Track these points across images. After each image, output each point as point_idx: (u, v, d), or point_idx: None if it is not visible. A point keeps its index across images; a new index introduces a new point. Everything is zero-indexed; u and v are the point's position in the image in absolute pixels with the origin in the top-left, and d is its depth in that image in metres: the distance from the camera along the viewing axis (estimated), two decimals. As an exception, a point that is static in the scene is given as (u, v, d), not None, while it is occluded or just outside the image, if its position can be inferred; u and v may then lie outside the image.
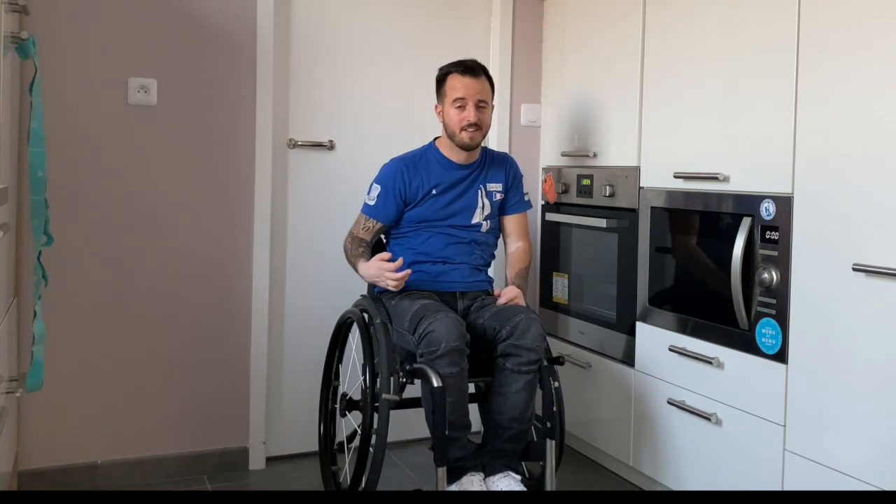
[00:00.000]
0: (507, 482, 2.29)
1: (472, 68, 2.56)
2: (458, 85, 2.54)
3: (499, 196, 2.67)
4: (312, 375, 3.09)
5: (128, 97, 2.77)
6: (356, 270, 2.59)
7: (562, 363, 2.45)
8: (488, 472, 2.32)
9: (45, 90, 2.56)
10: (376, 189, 2.61)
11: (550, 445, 2.34)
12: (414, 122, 3.22)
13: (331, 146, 3.13)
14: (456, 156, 2.61)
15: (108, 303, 2.77)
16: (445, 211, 2.59)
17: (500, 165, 2.70)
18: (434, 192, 2.58)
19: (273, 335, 3.05)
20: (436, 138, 2.68)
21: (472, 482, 2.27)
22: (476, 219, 2.62)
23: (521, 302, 2.54)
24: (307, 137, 3.10)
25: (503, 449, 2.35)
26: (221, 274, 2.92)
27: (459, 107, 2.53)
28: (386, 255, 2.46)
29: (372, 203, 2.61)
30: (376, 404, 2.33)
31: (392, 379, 2.30)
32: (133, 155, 2.78)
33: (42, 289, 2.25)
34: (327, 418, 2.74)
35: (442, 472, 2.21)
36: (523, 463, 2.43)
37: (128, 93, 2.77)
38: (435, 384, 2.18)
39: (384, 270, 2.42)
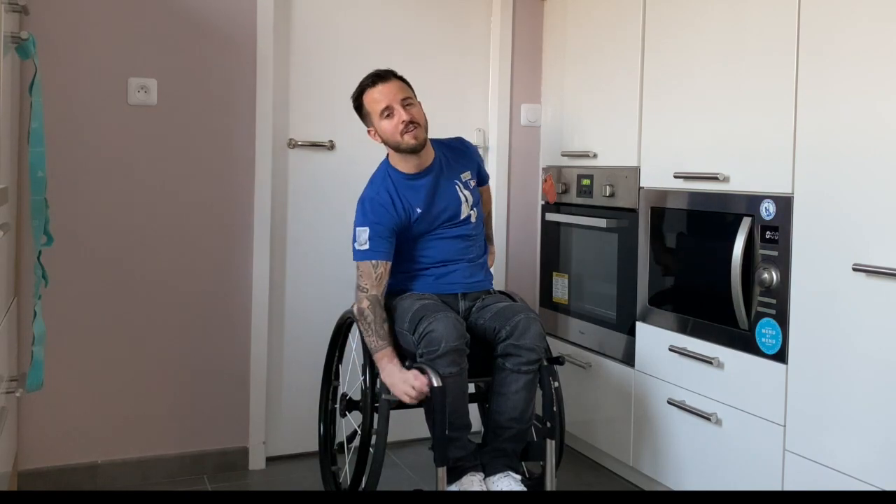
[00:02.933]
0: (508, 482, 2.29)
1: (380, 75, 2.47)
2: (377, 96, 2.44)
3: (473, 182, 2.63)
4: (312, 375, 3.08)
5: (128, 97, 2.77)
6: (372, 350, 2.36)
7: (562, 363, 2.45)
8: (488, 472, 2.32)
9: (45, 90, 2.56)
10: (364, 232, 2.43)
11: (550, 445, 2.34)
12: (414, 122, 3.22)
13: (331, 146, 3.13)
14: (411, 166, 2.50)
15: (107, 303, 2.77)
16: (440, 218, 2.54)
17: (461, 153, 2.65)
18: (419, 210, 2.50)
19: (273, 335, 3.05)
20: (387, 156, 2.59)
21: (473, 482, 2.26)
22: (464, 213, 2.57)
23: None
24: (307, 137, 3.10)
25: (503, 449, 2.35)
26: (221, 274, 2.92)
27: (388, 116, 2.43)
28: (421, 383, 2.23)
29: (366, 247, 2.42)
30: (376, 404, 2.33)
31: None
32: (133, 155, 2.79)
33: (42, 289, 2.25)
34: (327, 418, 2.74)
35: (442, 471, 2.21)
36: (523, 463, 2.43)
37: (128, 93, 2.77)
38: (435, 384, 2.18)
39: (410, 383, 2.22)
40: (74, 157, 2.71)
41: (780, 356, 2.21)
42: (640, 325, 2.78)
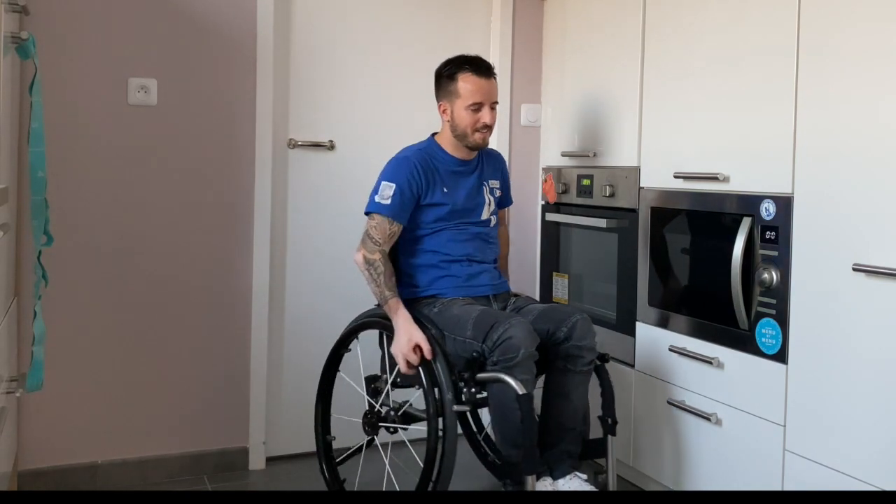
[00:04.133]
0: (577, 483, 2.29)
1: (486, 69, 2.49)
2: (474, 88, 2.46)
3: (498, 193, 2.67)
4: (312, 375, 3.08)
5: (128, 97, 2.77)
6: (384, 301, 2.40)
7: (608, 360, 2.47)
8: (555, 475, 2.30)
9: (45, 90, 2.56)
10: (389, 187, 2.43)
11: (612, 442, 2.36)
12: (414, 122, 3.22)
13: (331, 146, 3.13)
14: (459, 153, 2.56)
15: (108, 303, 2.77)
16: (460, 209, 2.53)
17: (496, 163, 2.71)
18: (445, 190, 2.52)
19: (273, 335, 3.05)
20: (433, 134, 2.62)
21: (544, 486, 2.26)
22: (485, 215, 2.59)
23: None
24: (307, 137, 3.10)
25: (568, 450, 2.34)
26: (221, 274, 2.92)
27: (475, 110, 2.46)
28: (426, 345, 2.30)
29: (388, 202, 2.42)
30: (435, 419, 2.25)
31: (460, 388, 2.25)
32: (133, 155, 2.79)
33: (42, 289, 2.25)
34: (325, 403, 2.66)
35: (532, 479, 2.20)
36: None
37: (128, 93, 2.77)
38: (520, 391, 2.14)
39: (410, 348, 2.29)
40: (74, 157, 2.71)
41: (780, 356, 2.21)
42: (640, 325, 2.78)
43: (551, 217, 3.30)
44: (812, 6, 2.13)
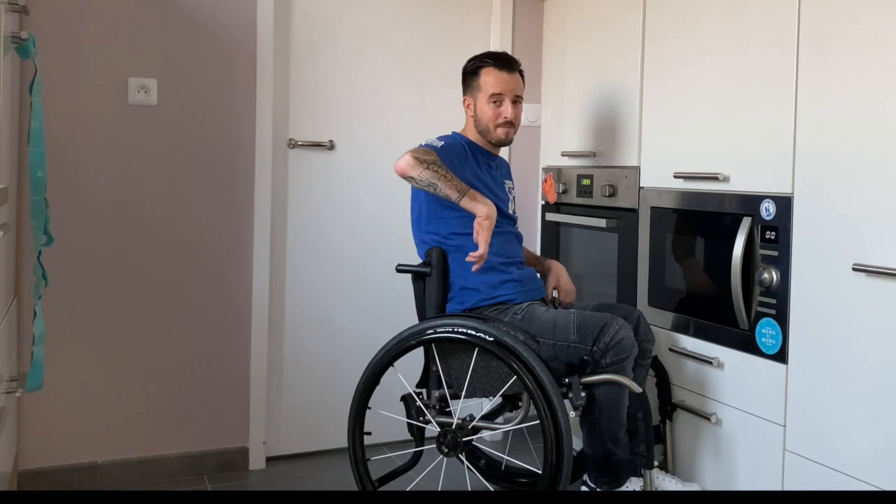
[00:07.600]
0: (665, 480, 2.36)
1: (508, 62, 2.48)
2: (495, 80, 2.46)
3: (513, 193, 2.65)
4: (312, 375, 3.09)
5: (128, 97, 2.77)
6: (463, 191, 2.23)
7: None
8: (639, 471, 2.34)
9: (45, 90, 2.56)
10: (439, 142, 2.40)
11: (670, 427, 2.43)
12: (414, 122, 3.22)
13: (331, 146, 3.13)
14: (485, 146, 2.54)
15: (108, 303, 2.77)
16: (501, 203, 2.47)
17: (506, 168, 2.70)
18: (486, 180, 2.47)
19: (273, 335, 3.05)
20: (457, 132, 2.58)
21: (637, 484, 2.30)
22: (510, 209, 2.56)
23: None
24: (307, 137, 3.10)
25: (649, 443, 2.38)
26: (221, 274, 2.92)
27: (496, 102, 2.46)
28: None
29: (438, 146, 2.36)
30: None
31: (570, 394, 2.22)
32: (133, 155, 2.79)
33: (42, 289, 2.25)
34: (361, 415, 2.44)
35: (649, 473, 2.32)
36: None
37: (128, 93, 2.77)
38: (638, 390, 2.21)
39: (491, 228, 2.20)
40: (74, 157, 2.71)
41: (780, 356, 2.21)
42: (640, 325, 2.78)
43: (551, 217, 3.30)
44: (812, 5, 2.13)
